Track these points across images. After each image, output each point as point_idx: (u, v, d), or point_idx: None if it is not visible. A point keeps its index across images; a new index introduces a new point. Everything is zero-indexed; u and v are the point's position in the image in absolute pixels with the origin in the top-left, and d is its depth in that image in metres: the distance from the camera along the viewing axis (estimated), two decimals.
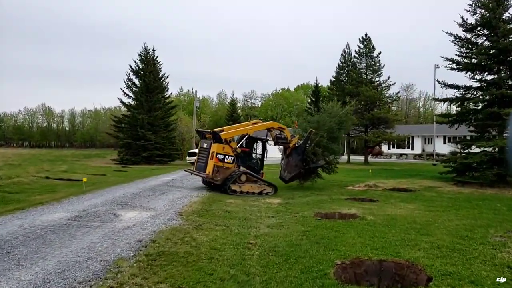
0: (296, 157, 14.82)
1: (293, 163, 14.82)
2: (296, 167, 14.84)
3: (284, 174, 14.98)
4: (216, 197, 12.07)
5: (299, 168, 14.88)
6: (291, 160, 14.86)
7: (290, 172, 14.86)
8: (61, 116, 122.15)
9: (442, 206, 11.39)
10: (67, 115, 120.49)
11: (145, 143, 31.96)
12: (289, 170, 14.88)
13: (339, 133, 16.16)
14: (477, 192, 14.98)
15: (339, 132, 16.16)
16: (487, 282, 4.79)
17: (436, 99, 18.20)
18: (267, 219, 9.05)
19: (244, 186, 13.00)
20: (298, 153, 14.83)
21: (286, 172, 14.96)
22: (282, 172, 15.07)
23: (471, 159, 15.89)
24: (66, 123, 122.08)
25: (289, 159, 14.89)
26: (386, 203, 12.00)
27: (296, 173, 14.96)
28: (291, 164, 14.86)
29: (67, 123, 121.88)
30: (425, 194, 14.41)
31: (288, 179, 15.05)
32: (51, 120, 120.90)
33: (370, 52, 38.28)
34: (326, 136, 15.47)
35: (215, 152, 12.76)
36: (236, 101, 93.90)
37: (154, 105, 33.86)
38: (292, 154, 14.89)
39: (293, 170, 14.85)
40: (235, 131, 14.35)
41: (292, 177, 15.04)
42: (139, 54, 34.46)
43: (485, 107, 16.88)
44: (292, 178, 15.13)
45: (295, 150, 14.87)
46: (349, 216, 9.63)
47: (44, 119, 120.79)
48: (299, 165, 14.85)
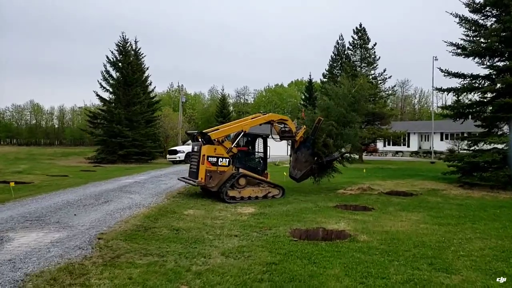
0: (305, 151, 12.83)
1: (303, 158, 12.83)
2: (306, 163, 12.86)
3: (294, 172, 12.97)
4: (174, 207, 9.74)
5: (310, 164, 12.89)
6: (300, 155, 12.86)
7: (301, 170, 12.84)
8: (50, 113, 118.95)
9: (453, 217, 9.15)
10: (56, 112, 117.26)
11: (122, 140, 29.51)
12: (298, 167, 12.91)
13: (352, 117, 13.90)
14: (488, 197, 12.80)
15: (352, 116, 13.90)
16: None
17: (439, 89, 15.92)
18: (227, 239, 6.76)
19: (244, 191, 11.20)
20: (307, 147, 12.83)
21: (296, 169, 12.92)
22: (292, 170, 13.09)
23: (481, 157, 13.68)
24: (56, 121, 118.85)
25: (297, 154, 12.94)
26: (383, 212, 9.75)
27: (308, 169, 12.94)
28: (301, 160, 12.86)
29: (56, 121, 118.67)
30: (429, 199, 12.19)
31: (299, 178, 13.02)
32: (40, 117, 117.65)
33: (365, 43, 36.04)
34: (338, 122, 13.36)
35: (206, 155, 10.86)
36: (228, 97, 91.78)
37: (133, 99, 31.37)
38: (300, 148, 12.91)
39: (304, 166, 12.85)
40: (227, 128, 12.18)
41: (303, 175, 13.01)
42: (117, 44, 31.93)
43: (495, 98, 14.67)
44: (303, 176, 13.10)
45: (303, 144, 12.88)
46: (336, 235, 7.35)
47: (32, 116, 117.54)
48: (309, 161, 12.89)
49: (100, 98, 31.59)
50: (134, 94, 31.43)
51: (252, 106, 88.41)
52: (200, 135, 11.87)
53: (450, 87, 15.61)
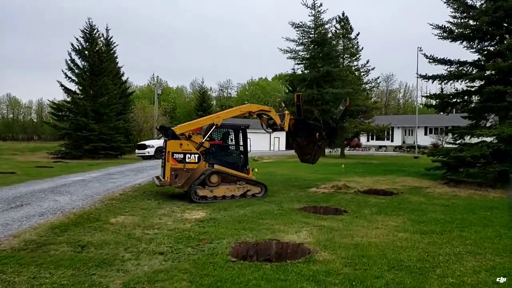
0: (302, 134, 12.03)
1: (304, 142, 12.07)
2: (310, 144, 12.02)
3: (304, 159, 12.49)
4: (102, 212, 8.01)
5: (315, 143, 11.96)
6: (300, 141, 12.14)
7: (310, 153, 12.17)
8: (28, 107, 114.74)
9: (438, 222, 7.70)
10: (34, 106, 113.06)
11: (88, 134, 27.41)
12: (306, 151, 12.26)
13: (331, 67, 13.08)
14: (477, 195, 11.44)
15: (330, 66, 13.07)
16: None
17: (423, 76, 14.44)
18: (148, 259, 5.12)
19: (217, 190, 10.05)
20: (302, 129, 12.00)
21: (305, 156, 12.39)
22: (302, 158, 12.65)
23: (468, 152, 12.31)
24: (34, 115, 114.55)
25: (297, 141, 12.24)
26: (357, 216, 8.23)
27: (316, 149, 12.12)
28: (303, 145, 12.15)
29: (34, 115, 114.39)
30: (410, 199, 10.75)
31: (313, 160, 12.37)
32: (17, 111, 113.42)
33: (348, 33, 34.57)
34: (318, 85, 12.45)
35: (171, 152, 9.71)
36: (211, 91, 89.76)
37: (100, 90, 29.21)
38: (297, 133, 12.03)
39: (310, 149, 12.09)
40: (194, 122, 10.91)
41: (315, 155, 12.31)
42: (82, 31, 29.59)
43: (484, 86, 13.31)
44: (316, 157, 12.43)
45: (297, 128, 11.92)
46: (291, 251, 5.78)
47: (9, 110, 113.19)
48: (312, 141, 12.00)
49: (65, 88, 29.30)
50: (101, 85, 29.24)
51: (235, 100, 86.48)
52: (161, 130, 10.65)
53: (435, 74, 14.20)
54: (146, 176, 15.62)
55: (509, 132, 11.25)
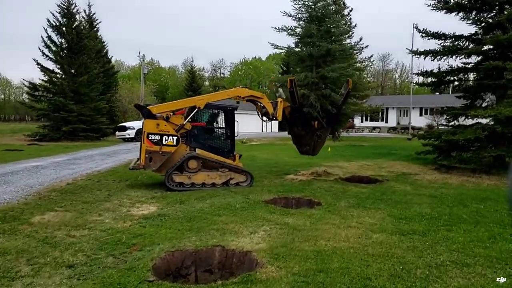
0: (298, 123, 10.56)
1: (302, 132, 10.62)
2: (308, 134, 10.56)
3: (303, 149, 11.02)
4: (27, 208, 6.89)
5: (313, 133, 10.50)
6: (297, 130, 10.70)
7: (309, 144, 10.73)
8: (19, 88, 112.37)
9: (423, 218, 6.64)
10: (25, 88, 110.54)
11: (67, 115, 26.07)
12: (304, 142, 10.79)
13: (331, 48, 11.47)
14: (469, 183, 10.40)
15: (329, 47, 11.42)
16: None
17: (415, 52, 13.14)
18: (45, 278, 4.04)
19: (196, 176, 9.23)
20: (298, 118, 10.46)
21: (303, 146, 10.91)
22: (300, 148, 11.12)
23: (462, 134, 11.19)
24: (26, 96, 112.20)
25: (294, 131, 10.83)
26: (330, 210, 7.16)
27: (316, 140, 10.64)
28: (301, 135, 10.71)
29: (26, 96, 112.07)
30: (396, 187, 9.69)
31: (313, 151, 11.01)
32: (9, 92, 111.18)
33: (341, 9, 32.81)
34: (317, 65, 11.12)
35: (147, 132, 8.95)
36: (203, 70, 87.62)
37: (80, 69, 27.71)
38: (293, 122, 10.64)
39: (309, 139, 10.63)
40: (174, 102, 9.93)
41: (316, 146, 10.85)
42: (59, 6, 27.81)
43: (481, 62, 12.09)
44: (317, 147, 10.95)
45: (293, 116, 10.50)
46: (237, 261, 4.71)
47: (1, 90, 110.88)
48: (310, 131, 10.52)
49: (42, 67, 27.75)
50: (81, 63, 27.72)
51: (227, 80, 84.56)
52: (138, 109, 9.97)
53: (428, 49, 12.91)
54: (114, 161, 14.46)
55: (506, 113, 10.10)
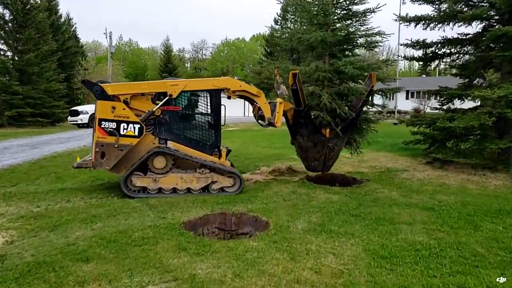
0: (304, 132, 7.83)
1: (308, 143, 7.90)
2: (317, 146, 7.89)
3: (311, 166, 8.24)
4: None
5: (323, 145, 7.87)
6: (302, 141, 7.91)
7: (318, 159, 8.00)
8: None
9: (418, 255, 4.23)
10: None
11: (10, 97, 22.90)
12: (312, 156, 8.04)
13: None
14: (472, 184, 8.09)
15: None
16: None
17: (403, 18, 10.55)
18: None
19: (165, 179, 7.03)
20: (303, 123, 7.77)
21: (310, 162, 8.14)
22: (308, 164, 8.33)
23: (463, 120, 8.80)
24: None
25: (299, 141, 7.99)
26: (277, 241, 4.71)
27: (327, 153, 7.97)
28: (307, 147, 7.95)
29: None
30: (378, 193, 7.27)
31: (325, 168, 8.26)
32: None
33: None
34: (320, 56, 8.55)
35: (98, 118, 6.81)
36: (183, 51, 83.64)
37: (28, 45, 24.42)
38: (296, 130, 7.91)
39: (317, 152, 7.93)
40: (138, 83, 7.52)
41: (326, 161, 8.11)
42: None
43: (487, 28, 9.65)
44: (328, 163, 8.20)
45: (295, 122, 7.82)
46: None
47: None
48: (319, 141, 7.87)
49: None
50: (28, 38, 24.40)
51: (208, 62, 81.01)
52: (87, 86, 7.44)
53: (419, 15, 10.39)
54: (41, 152, 11.78)
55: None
